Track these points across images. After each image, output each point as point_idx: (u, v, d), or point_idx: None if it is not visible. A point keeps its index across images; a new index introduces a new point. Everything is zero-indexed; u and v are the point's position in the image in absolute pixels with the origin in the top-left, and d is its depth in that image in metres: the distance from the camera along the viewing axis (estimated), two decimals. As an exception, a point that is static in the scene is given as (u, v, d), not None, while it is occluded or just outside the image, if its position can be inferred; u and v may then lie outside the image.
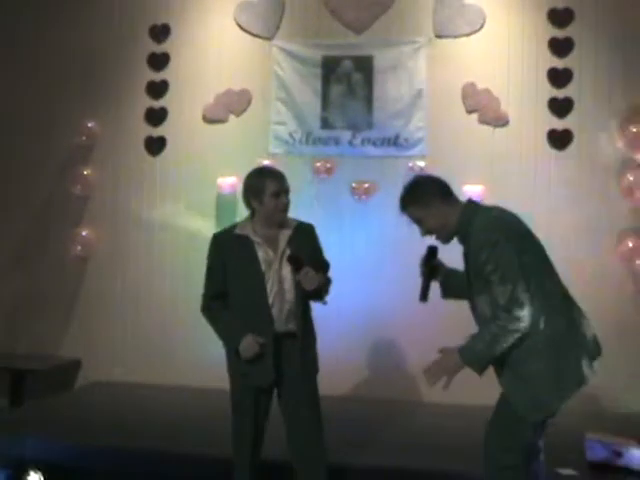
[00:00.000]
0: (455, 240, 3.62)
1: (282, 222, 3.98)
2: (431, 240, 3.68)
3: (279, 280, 3.88)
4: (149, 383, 6.78)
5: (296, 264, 3.83)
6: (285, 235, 3.96)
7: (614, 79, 6.56)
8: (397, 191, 6.48)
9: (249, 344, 3.83)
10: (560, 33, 6.69)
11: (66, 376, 7.08)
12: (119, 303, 7.22)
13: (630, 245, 6.43)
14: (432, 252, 3.75)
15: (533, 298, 3.33)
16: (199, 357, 6.67)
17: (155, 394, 6.55)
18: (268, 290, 3.87)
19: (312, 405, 3.98)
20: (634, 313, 6.47)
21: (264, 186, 3.90)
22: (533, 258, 3.42)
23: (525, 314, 3.28)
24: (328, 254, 4.21)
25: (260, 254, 3.90)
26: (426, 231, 3.59)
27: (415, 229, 6.75)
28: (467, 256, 3.52)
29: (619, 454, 4.53)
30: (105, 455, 4.96)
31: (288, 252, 3.91)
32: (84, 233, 7.31)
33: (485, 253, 3.31)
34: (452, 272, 3.79)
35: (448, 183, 3.64)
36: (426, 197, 3.55)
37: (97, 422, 5.59)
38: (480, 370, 3.41)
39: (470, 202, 3.60)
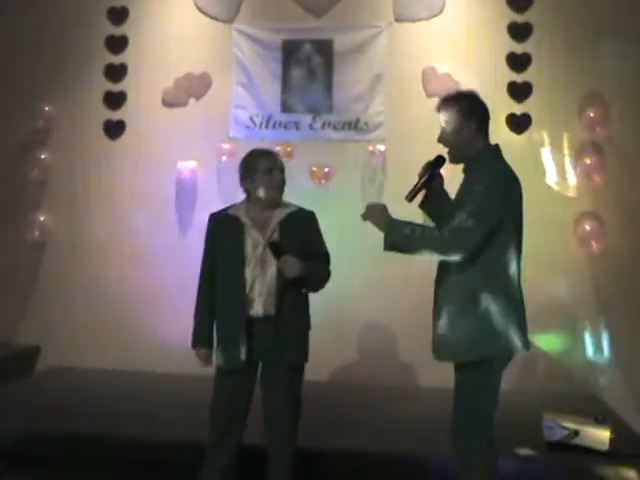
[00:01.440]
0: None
1: (277, 203, 3.94)
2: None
3: (262, 264, 3.84)
4: (109, 369, 6.69)
5: (275, 251, 3.78)
6: (277, 218, 3.91)
7: (572, 63, 6.57)
8: (357, 175, 6.90)
9: (199, 356, 3.98)
10: (519, 18, 6.69)
11: (25, 362, 6.96)
12: (78, 289, 7.09)
13: (587, 228, 6.43)
14: (439, 160, 3.68)
15: (491, 264, 3.35)
16: (159, 343, 6.65)
17: (114, 380, 6.44)
18: (248, 273, 3.83)
19: (289, 395, 3.92)
20: (590, 297, 6.50)
21: (256, 164, 3.90)
22: (510, 242, 3.41)
23: (463, 250, 3.28)
24: None
25: (247, 236, 3.87)
26: (445, 138, 3.55)
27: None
28: (465, 186, 3.50)
29: (576, 433, 4.57)
30: (61, 441, 4.87)
31: (275, 237, 3.87)
32: (42, 218, 7.21)
33: (481, 187, 3.30)
34: (445, 194, 3.75)
35: (489, 116, 3.59)
36: (471, 112, 3.51)
37: (55, 408, 5.50)
38: (387, 246, 3.40)
39: (497, 146, 3.59)
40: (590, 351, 6.49)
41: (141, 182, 7.09)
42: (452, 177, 3.89)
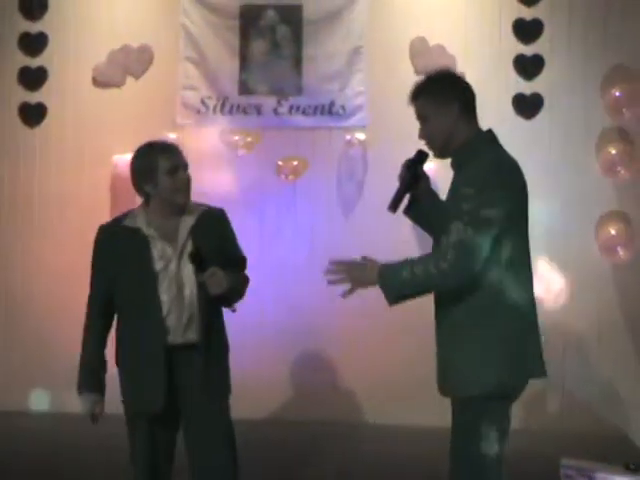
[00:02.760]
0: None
1: (184, 207, 3.75)
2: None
3: (177, 282, 3.66)
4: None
5: (199, 263, 3.60)
6: (186, 225, 3.73)
7: (593, 32, 6.47)
8: (331, 169, 6.69)
9: (86, 404, 3.73)
10: None
11: None
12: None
13: (613, 233, 6.32)
14: (421, 156, 3.52)
15: (496, 275, 3.21)
16: None
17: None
18: (161, 294, 3.66)
19: (222, 434, 3.79)
20: (615, 314, 6.41)
21: (156, 163, 3.66)
22: (516, 249, 3.26)
23: (474, 267, 3.13)
24: (247, 248, 3.99)
25: (154, 251, 3.68)
26: (426, 134, 3.39)
27: (354, 218, 6.48)
28: (455, 187, 3.36)
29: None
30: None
31: (190, 247, 3.68)
32: (-53, 217, 7.09)
33: (472, 190, 3.14)
34: (434, 195, 3.63)
35: (475, 97, 3.42)
36: (446, 96, 3.33)
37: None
38: (392, 301, 3.29)
39: (490, 132, 3.40)
40: (617, 380, 6.36)
41: (67, 180, 6.89)
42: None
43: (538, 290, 3.40)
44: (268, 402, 6.56)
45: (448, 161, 3.42)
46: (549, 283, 6.17)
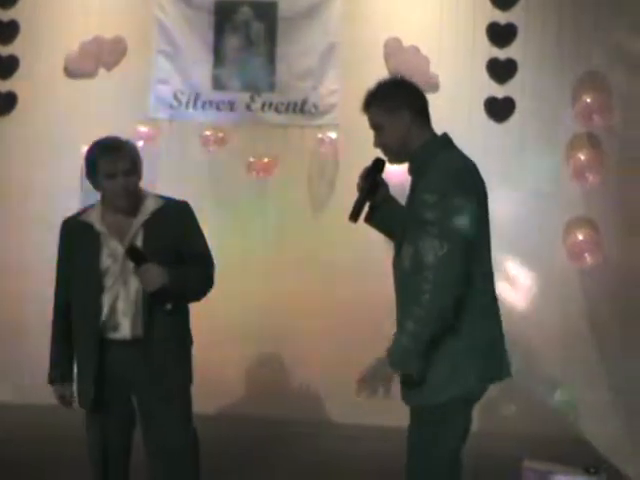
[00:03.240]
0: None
1: (130, 207, 3.70)
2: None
3: (124, 279, 3.66)
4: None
5: (135, 258, 3.57)
6: (139, 222, 3.69)
7: (566, 38, 6.44)
8: (302, 167, 6.65)
9: (55, 395, 3.85)
10: None
11: None
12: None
13: (580, 238, 6.31)
14: (378, 165, 3.53)
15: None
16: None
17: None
18: (106, 291, 3.67)
19: (178, 431, 3.77)
20: (580, 320, 6.39)
21: (97, 165, 3.64)
22: (478, 244, 3.23)
23: (461, 283, 3.10)
24: (214, 244, 3.92)
25: (104, 248, 3.67)
26: (381, 143, 3.39)
27: (324, 217, 6.47)
28: (413, 192, 3.35)
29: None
30: None
31: (140, 243, 3.69)
32: None
33: (434, 197, 3.11)
34: (393, 200, 3.63)
35: (427, 101, 3.42)
36: (397, 103, 3.33)
37: None
38: (416, 366, 3.15)
39: (445, 135, 3.42)
40: (580, 386, 6.37)
41: (36, 171, 6.83)
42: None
43: (504, 294, 3.41)
44: (229, 398, 6.54)
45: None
46: (515, 287, 6.18)
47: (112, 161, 3.60)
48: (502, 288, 3.42)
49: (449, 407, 3.22)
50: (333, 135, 6.69)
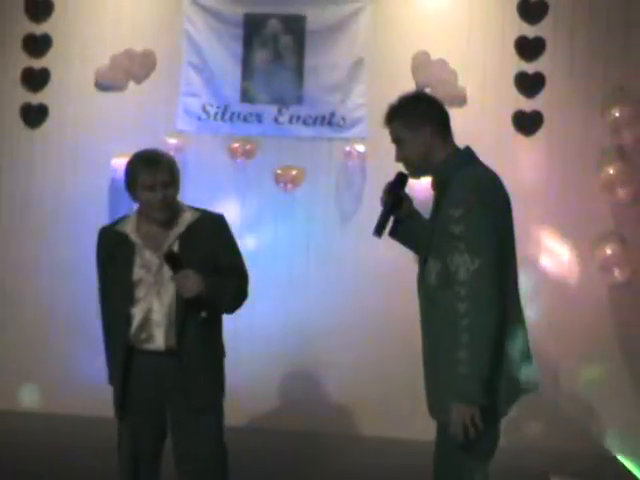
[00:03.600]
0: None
1: (167, 219, 3.72)
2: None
3: (157, 290, 3.68)
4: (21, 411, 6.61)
5: (173, 264, 3.58)
6: (175, 234, 3.71)
7: (595, 52, 6.42)
8: (330, 180, 6.63)
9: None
10: None
11: None
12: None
13: (609, 253, 6.25)
14: (401, 179, 3.55)
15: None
16: (82, 379, 6.48)
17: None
18: (139, 301, 3.69)
19: (205, 443, 3.77)
20: (609, 336, 6.33)
21: (136, 177, 3.67)
22: (505, 257, 3.23)
23: (495, 298, 3.07)
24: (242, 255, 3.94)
25: (137, 258, 3.69)
26: (402, 157, 3.41)
27: (351, 229, 6.47)
28: (437, 207, 3.35)
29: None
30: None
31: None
32: (-54, 219, 6.99)
33: (460, 211, 3.12)
34: (417, 214, 3.66)
35: (449, 115, 3.43)
36: (419, 118, 3.34)
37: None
38: (482, 397, 3.07)
39: (468, 149, 3.42)
40: (608, 400, 6.30)
41: (67, 183, 6.86)
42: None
43: (533, 308, 3.40)
44: (259, 411, 6.52)
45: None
46: (543, 301, 6.15)
47: (151, 173, 3.63)
48: (530, 302, 3.40)
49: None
50: (361, 148, 6.65)
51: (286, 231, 6.67)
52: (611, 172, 6.28)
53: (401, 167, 3.51)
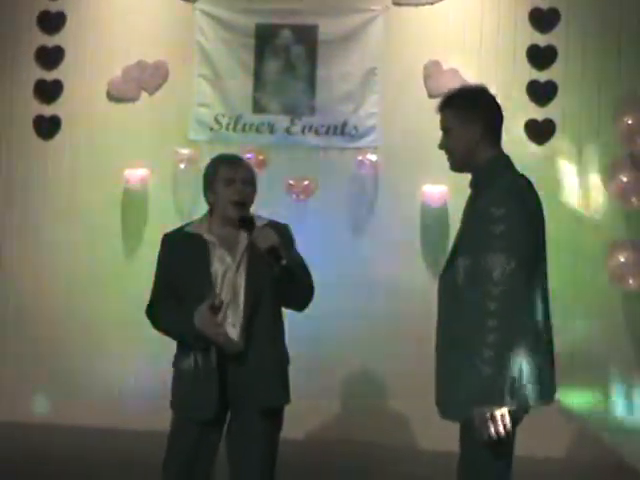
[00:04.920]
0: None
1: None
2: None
3: (233, 290, 3.66)
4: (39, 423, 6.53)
5: (248, 226, 3.62)
6: (247, 235, 3.70)
7: (606, 60, 6.43)
8: (343, 189, 6.65)
9: (201, 312, 3.55)
10: (543, 3, 6.58)
11: None
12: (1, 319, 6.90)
13: (622, 260, 6.24)
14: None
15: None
16: (96, 389, 6.50)
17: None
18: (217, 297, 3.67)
19: (263, 447, 3.71)
20: (623, 344, 6.32)
21: (216, 173, 3.72)
22: (535, 271, 3.21)
23: (524, 301, 3.08)
24: None
25: (215, 257, 3.69)
26: (445, 146, 3.38)
27: (364, 239, 6.41)
28: (473, 205, 3.33)
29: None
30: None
31: (246, 258, 3.66)
32: (-41, 228, 6.97)
33: (501, 211, 3.10)
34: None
35: (503, 119, 3.36)
36: (473, 113, 3.30)
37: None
38: (506, 402, 3.04)
39: (509, 158, 3.36)
40: (622, 411, 6.31)
41: (80, 193, 6.85)
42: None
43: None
44: (310, 423, 6.47)
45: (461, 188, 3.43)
46: (556, 309, 6.12)
47: (232, 168, 3.71)
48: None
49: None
50: (373, 157, 6.64)
51: (299, 241, 6.58)
52: (624, 180, 6.28)
53: (413, 175, 3.50)
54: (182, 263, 3.75)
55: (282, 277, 3.60)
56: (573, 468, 5.76)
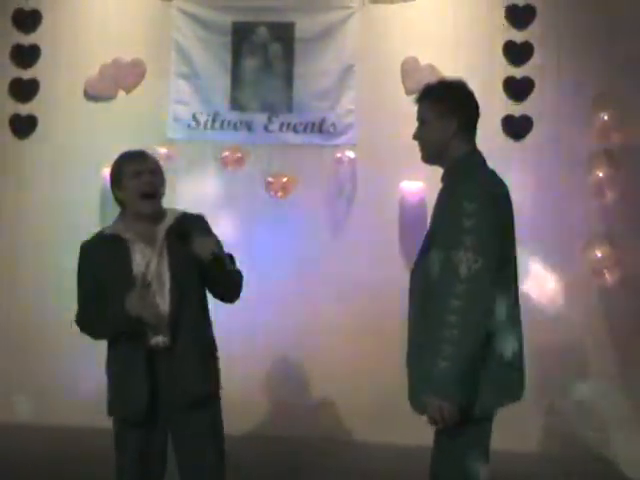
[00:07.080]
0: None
1: (155, 212, 3.70)
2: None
3: (160, 280, 3.64)
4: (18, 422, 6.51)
5: (185, 237, 3.59)
6: (164, 227, 3.70)
7: (583, 55, 6.43)
8: (321, 187, 6.67)
9: (131, 297, 3.52)
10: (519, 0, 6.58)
11: None
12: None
13: (599, 255, 6.29)
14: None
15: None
16: (77, 390, 6.44)
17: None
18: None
19: (207, 439, 3.72)
20: (601, 337, 6.32)
21: (122, 169, 3.70)
22: (505, 260, 3.24)
23: (490, 300, 3.12)
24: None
25: (136, 252, 3.66)
26: (419, 137, 3.40)
27: (343, 235, 6.42)
28: (444, 198, 3.34)
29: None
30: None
31: (166, 247, 3.65)
32: None
33: (474, 206, 3.11)
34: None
35: (479, 116, 3.39)
36: (450, 107, 3.31)
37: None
38: (456, 397, 3.09)
39: (481, 155, 3.38)
40: (603, 406, 6.29)
41: (57, 192, 6.83)
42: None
43: (523, 311, 3.40)
44: (252, 418, 6.46)
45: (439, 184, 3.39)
46: (535, 304, 6.16)
47: (138, 162, 3.69)
48: (522, 305, 3.40)
49: (473, 425, 3.20)
50: (351, 154, 6.64)
51: (278, 238, 6.63)
52: (600, 175, 6.34)
53: (390, 172, 3.52)
54: (105, 267, 3.70)
55: (212, 267, 3.61)
56: (553, 462, 5.77)
